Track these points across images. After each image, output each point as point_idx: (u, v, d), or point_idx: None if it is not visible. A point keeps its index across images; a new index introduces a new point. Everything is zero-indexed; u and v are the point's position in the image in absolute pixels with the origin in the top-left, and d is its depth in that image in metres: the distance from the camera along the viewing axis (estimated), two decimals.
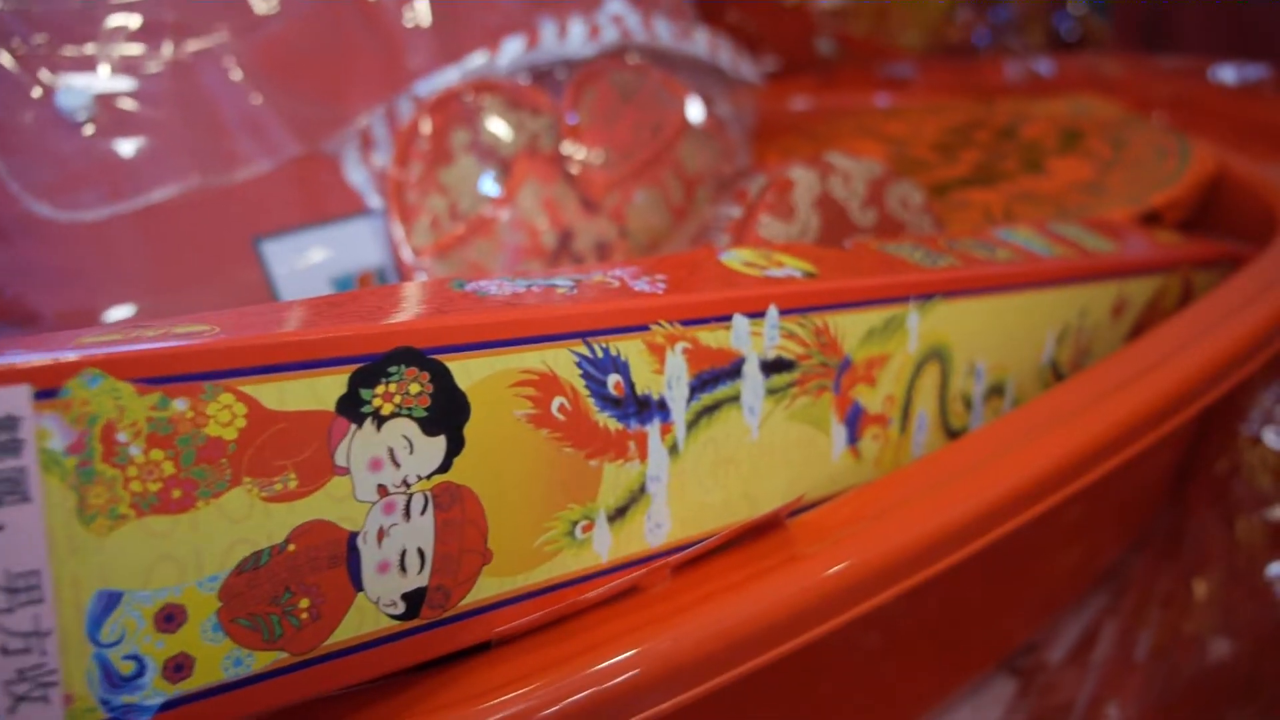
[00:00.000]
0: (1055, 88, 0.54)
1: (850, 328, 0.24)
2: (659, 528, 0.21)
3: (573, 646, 0.19)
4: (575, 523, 0.20)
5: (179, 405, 0.15)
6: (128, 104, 0.33)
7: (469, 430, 0.18)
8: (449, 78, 0.38)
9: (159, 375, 0.15)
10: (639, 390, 0.20)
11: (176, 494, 0.15)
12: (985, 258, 0.29)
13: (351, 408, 0.17)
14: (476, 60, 0.38)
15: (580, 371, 0.19)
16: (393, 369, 0.17)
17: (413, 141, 0.36)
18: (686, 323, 0.21)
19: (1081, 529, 0.36)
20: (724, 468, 0.22)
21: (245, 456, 0.16)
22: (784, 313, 0.23)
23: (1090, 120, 0.47)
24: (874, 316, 0.25)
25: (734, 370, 0.22)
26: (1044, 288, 0.30)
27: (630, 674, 0.19)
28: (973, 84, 0.57)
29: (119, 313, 0.32)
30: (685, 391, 0.21)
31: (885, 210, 0.35)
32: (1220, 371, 0.31)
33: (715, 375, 0.21)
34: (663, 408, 0.21)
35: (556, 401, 0.19)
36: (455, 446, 0.18)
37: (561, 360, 0.19)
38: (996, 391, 0.29)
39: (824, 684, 0.28)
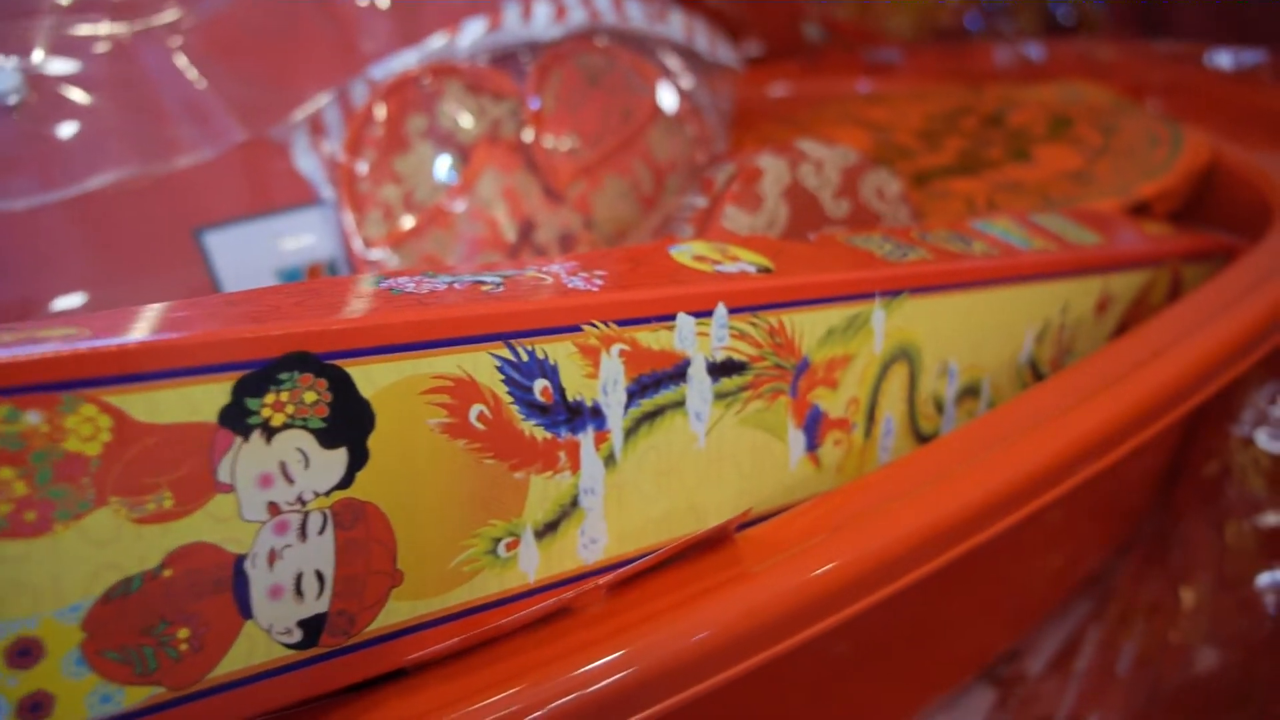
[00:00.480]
0: (1046, 73, 0.52)
1: (808, 327, 0.23)
2: (594, 544, 0.20)
3: (494, 674, 0.18)
4: (498, 540, 0.18)
5: (31, 418, 0.14)
6: (62, 87, 0.31)
7: (374, 442, 0.16)
8: (406, 61, 0.36)
9: (8, 385, 0.13)
10: (570, 396, 0.19)
11: (30, 516, 0.14)
12: (960, 251, 0.27)
13: (236, 419, 0.15)
14: (435, 42, 0.37)
15: (502, 376, 0.18)
16: (284, 376, 0.15)
17: (366, 127, 0.35)
18: (624, 323, 0.19)
19: (1063, 534, 0.35)
20: (667, 478, 0.21)
21: (111, 474, 0.14)
22: (734, 311, 0.21)
23: (1081, 107, 0.45)
24: (835, 315, 0.23)
25: (678, 373, 0.20)
26: (1022, 283, 0.28)
27: (559, 703, 0.18)
28: (961, 69, 0.55)
29: (55, 307, 0.31)
30: (622, 397, 0.19)
31: (860, 200, 0.33)
32: (1209, 371, 0.29)
33: (656, 379, 0.20)
34: (597, 415, 0.19)
35: (475, 409, 0.17)
36: (358, 460, 0.16)
37: (481, 364, 0.18)
38: (971, 393, 0.28)
39: (782, 702, 0.27)
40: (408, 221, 0.35)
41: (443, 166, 0.35)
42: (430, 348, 0.17)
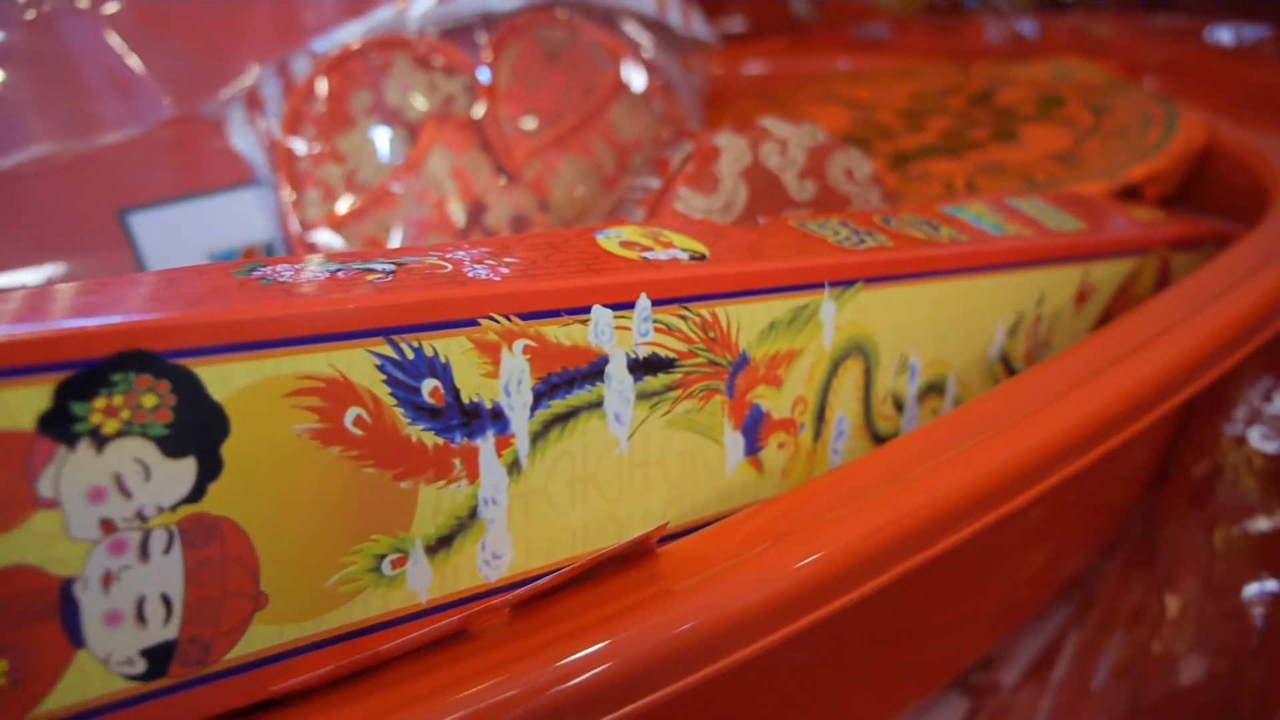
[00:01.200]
0: (1041, 50, 0.50)
1: (747, 320, 0.21)
2: (497, 559, 0.18)
3: (377, 704, 0.16)
4: (382, 557, 0.16)
5: None
6: None
7: (229, 450, 0.15)
8: (351, 33, 0.34)
9: None
10: (465, 397, 0.17)
11: None
12: (924, 237, 0.25)
13: (59, 426, 0.13)
14: (383, 14, 0.35)
15: (384, 376, 0.16)
16: (117, 377, 0.14)
17: (306, 103, 0.33)
18: (529, 316, 0.17)
19: (1039, 537, 0.33)
20: (584, 486, 0.19)
21: None
22: (659, 303, 0.19)
23: (1074, 85, 0.43)
24: (778, 307, 0.21)
25: (594, 372, 0.18)
26: (993, 272, 0.26)
27: None
28: (953, 46, 0.53)
29: None
30: (528, 398, 0.18)
31: (827, 182, 0.31)
32: (1194, 366, 0.27)
33: (569, 378, 0.18)
34: (498, 418, 0.17)
35: (351, 413, 0.16)
36: (210, 470, 0.15)
37: (358, 363, 0.16)
38: (934, 390, 0.26)
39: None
40: (349, 203, 0.33)
41: (388, 145, 0.34)
42: (295, 345, 0.15)
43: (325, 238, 0.32)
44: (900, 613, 0.29)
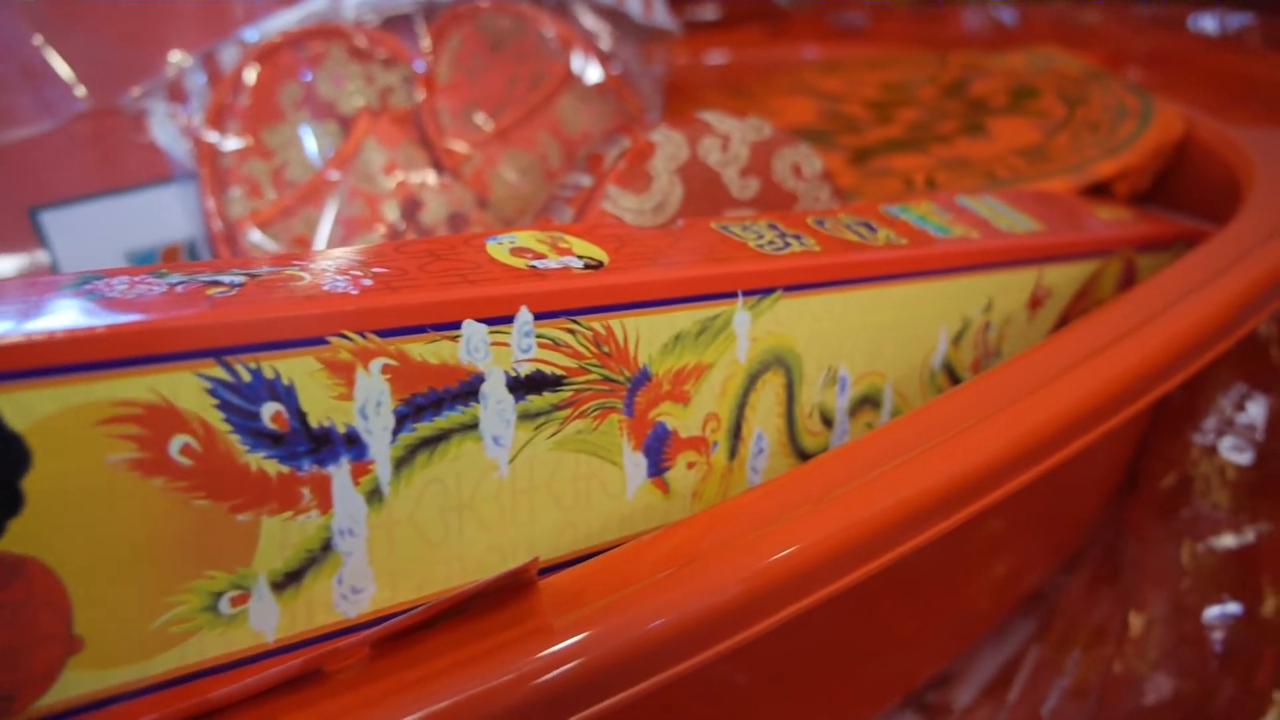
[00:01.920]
0: (1022, 39, 0.48)
1: (648, 332, 0.19)
2: (357, 594, 0.17)
3: None
4: (219, 594, 0.15)
5: None
6: None
7: (31, 484, 0.13)
8: (284, 21, 0.33)
9: None
10: (313, 422, 0.16)
11: None
12: (858, 241, 0.24)
13: None
14: (318, 2, 0.33)
15: (215, 401, 0.15)
16: None
17: (232, 95, 0.32)
18: (388, 333, 0.16)
19: (993, 551, 0.32)
20: (458, 514, 0.17)
21: None
22: (544, 316, 0.18)
23: (1051, 76, 0.41)
24: (682, 318, 0.20)
25: (467, 391, 0.17)
26: (933, 276, 0.25)
27: None
28: (933, 34, 0.51)
29: None
30: (389, 421, 0.16)
31: (772, 179, 0.30)
32: (1148, 375, 0.26)
33: (436, 399, 0.17)
34: (353, 443, 0.16)
35: (178, 441, 0.14)
36: (10, 507, 0.13)
37: (184, 387, 0.14)
38: (868, 403, 0.24)
39: None
40: (276, 200, 0.31)
41: (319, 140, 0.32)
42: (108, 368, 0.14)
43: (251, 237, 0.31)
44: (836, 632, 0.28)
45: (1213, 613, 0.29)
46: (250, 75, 0.32)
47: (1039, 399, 0.24)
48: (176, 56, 0.31)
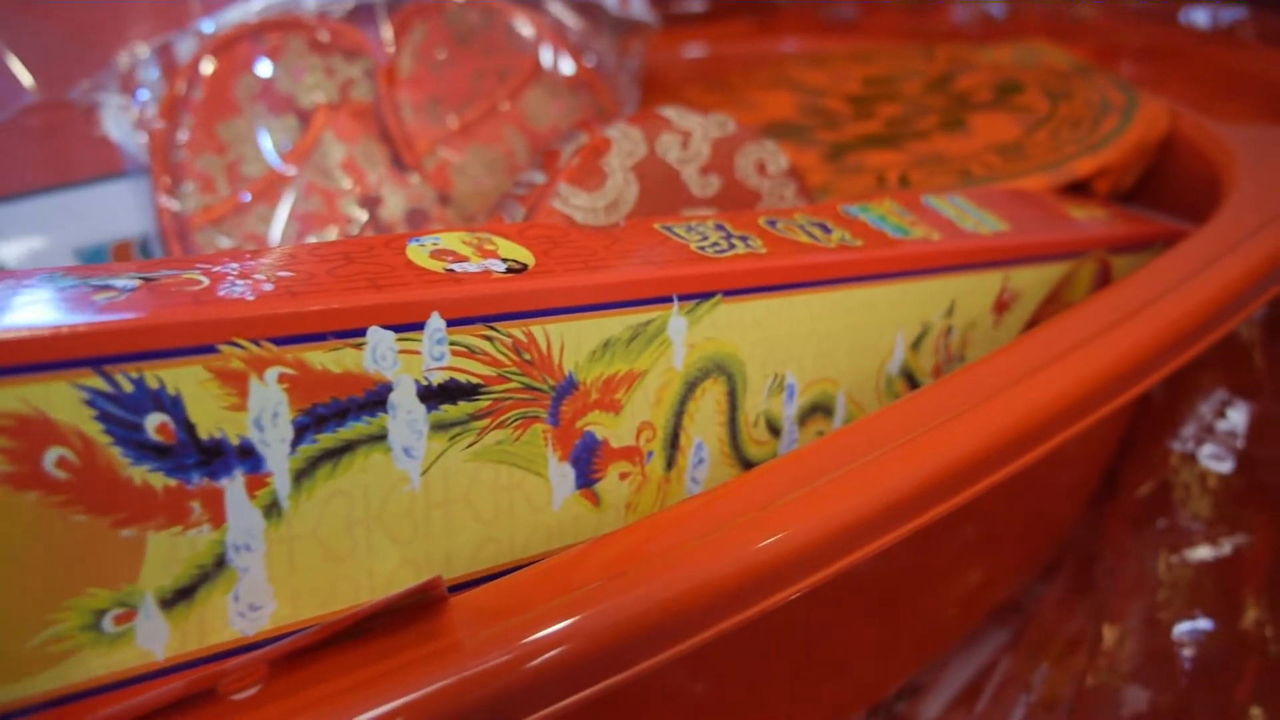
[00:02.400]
0: (1011, 33, 0.47)
1: (574, 339, 0.19)
2: (255, 611, 0.16)
3: None
4: (102, 612, 0.15)
5: None
6: None
7: None
8: (243, 13, 0.32)
9: None
10: (203, 433, 0.15)
11: None
12: (809, 242, 0.23)
13: None
14: None
15: (94, 412, 0.14)
16: None
17: (187, 87, 0.31)
18: (285, 340, 0.15)
19: (962, 560, 0.31)
20: (366, 528, 0.17)
21: None
22: (459, 322, 0.17)
23: (1038, 70, 0.40)
24: (612, 324, 0.19)
25: (373, 401, 0.16)
26: (888, 280, 0.24)
27: None
28: (923, 27, 0.50)
29: None
30: (287, 432, 0.16)
31: (734, 176, 0.29)
32: (1116, 380, 0.25)
33: (340, 409, 0.16)
34: (248, 455, 0.15)
35: (53, 454, 0.14)
36: None
37: (59, 398, 0.14)
38: (820, 411, 0.23)
39: None
40: (230, 196, 0.31)
41: (276, 134, 0.32)
42: None
43: (204, 234, 0.30)
44: (794, 641, 0.27)
45: (1183, 628, 0.28)
46: (206, 67, 0.31)
47: (993, 405, 0.23)
48: (131, 48, 0.31)
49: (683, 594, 0.19)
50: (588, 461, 0.19)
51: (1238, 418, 0.31)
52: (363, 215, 0.32)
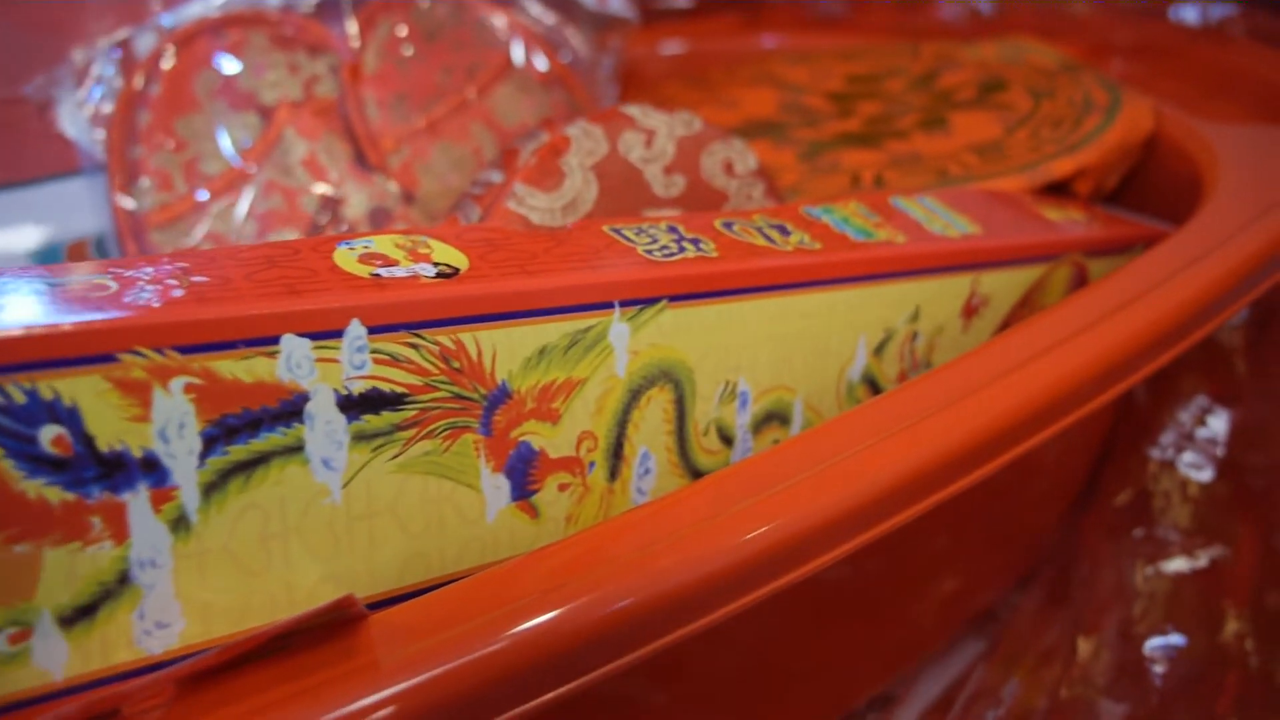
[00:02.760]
0: (999, 29, 0.46)
1: (507, 347, 0.18)
2: (162, 629, 0.15)
3: None
4: None
5: None
6: None
7: None
8: (205, 7, 0.32)
9: None
10: (103, 446, 0.14)
11: None
12: (764, 246, 0.22)
13: None
14: None
15: None
16: None
17: (145, 82, 0.30)
18: (192, 349, 0.15)
19: (933, 569, 0.30)
20: (283, 543, 0.16)
21: None
22: (381, 329, 0.17)
23: (1023, 68, 0.39)
24: (548, 330, 0.18)
25: (289, 411, 0.16)
26: (848, 284, 0.23)
27: None
28: (913, 24, 0.49)
29: None
30: (196, 444, 0.15)
31: (700, 176, 0.28)
32: (1082, 388, 0.24)
33: (252, 420, 0.15)
34: (153, 468, 0.15)
35: None
36: None
37: None
38: (776, 419, 0.23)
39: None
40: (188, 194, 0.30)
41: (236, 131, 0.31)
42: None
43: (160, 233, 0.30)
44: (756, 651, 0.27)
45: (1155, 643, 0.27)
46: (165, 63, 0.31)
47: (952, 412, 0.22)
48: (89, 43, 0.30)
49: (622, 609, 0.18)
50: (524, 473, 0.19)
51: (1218, 425, 0.31)
52: (324, 214, 0.31)
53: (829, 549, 0.21)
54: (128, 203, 0.30)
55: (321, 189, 0.31)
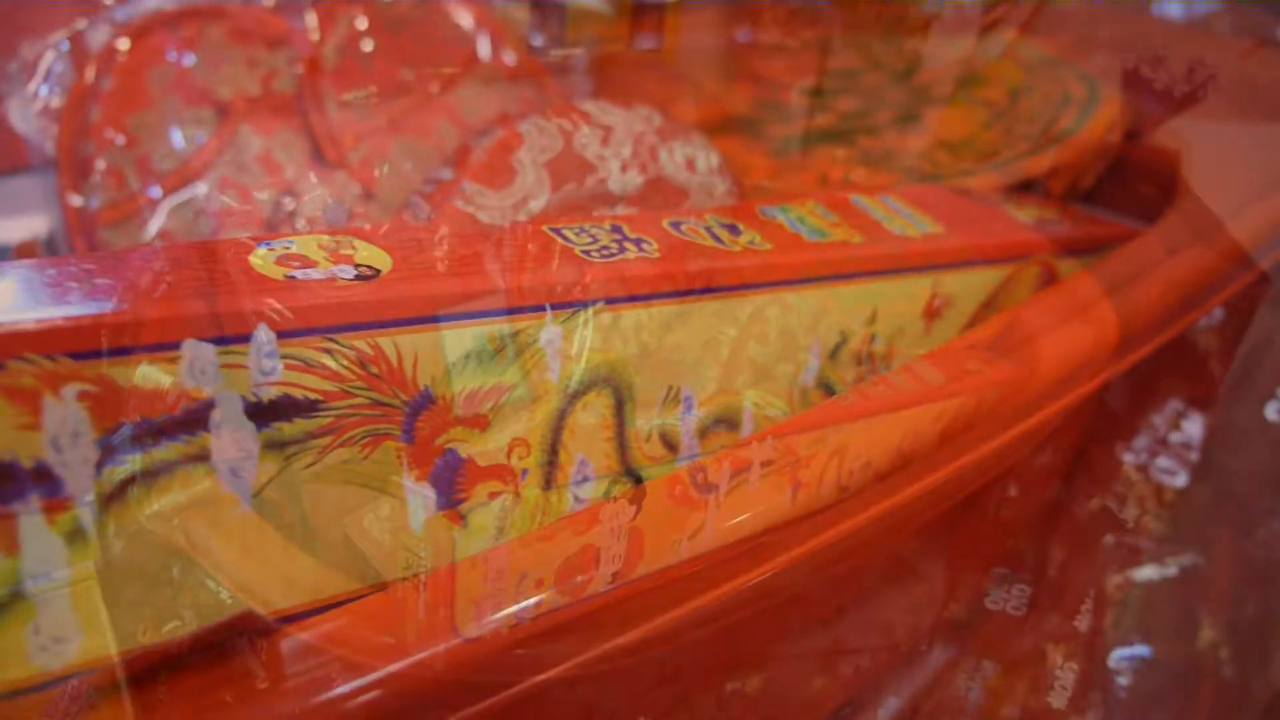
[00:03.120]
0: (986, 24, 0.45)
1: (430, 351, 0.17)
2: (59, 644, 0.15)
3: None
4: None
5: None
6: None
7: None
8: (160, 0, 0.31)
9: None
10: None
11: None
12: (711, 246, 0.22)
13: None
14: None
15: None
16: None
17: (97, 76, 0.30)
18: (85, 355, 0.14)
19: (899, 576, 0.29)
20: (189, 554, 0.16)
21: None
22: (292, 334, 0.16)
23: (1001, 63, 0.39)
24: (474, 334, 0.18)
25: (193, 419, 0.15)
26: (799, 285, 0.22)
27: None
28: (902, 16, 0.48)
29: None
30: (90, 453, 0.15)
31: (661, 173, 0.28)
32: (1045, 391, 0.23)
33: (153, 428, 0.15)
34: (44, 479, 0.14)
35: None
36: None
37: None
38: (724, 424, 0.22)
39: None
40: (140, 191, 0.30)
41: (191, 127, 0.30)
42: None
43: (111, 231, 0.29)
44: (714, 657, 0.26)
45: (1120, 655, 0.26)
46: (118, 56, 0.30)
47: (912, 415, 0.22)
48: (40, 36, 0.30)
49: (553, 622, 0.18)
50: (450, 481, 0.18)
51: (1193, 429, 0.30)
52: (280, 212, 0.30)
53: (783, 551, 0.21)
54: (77, 200, 0.29)
55: (277, 186, 0.31)
